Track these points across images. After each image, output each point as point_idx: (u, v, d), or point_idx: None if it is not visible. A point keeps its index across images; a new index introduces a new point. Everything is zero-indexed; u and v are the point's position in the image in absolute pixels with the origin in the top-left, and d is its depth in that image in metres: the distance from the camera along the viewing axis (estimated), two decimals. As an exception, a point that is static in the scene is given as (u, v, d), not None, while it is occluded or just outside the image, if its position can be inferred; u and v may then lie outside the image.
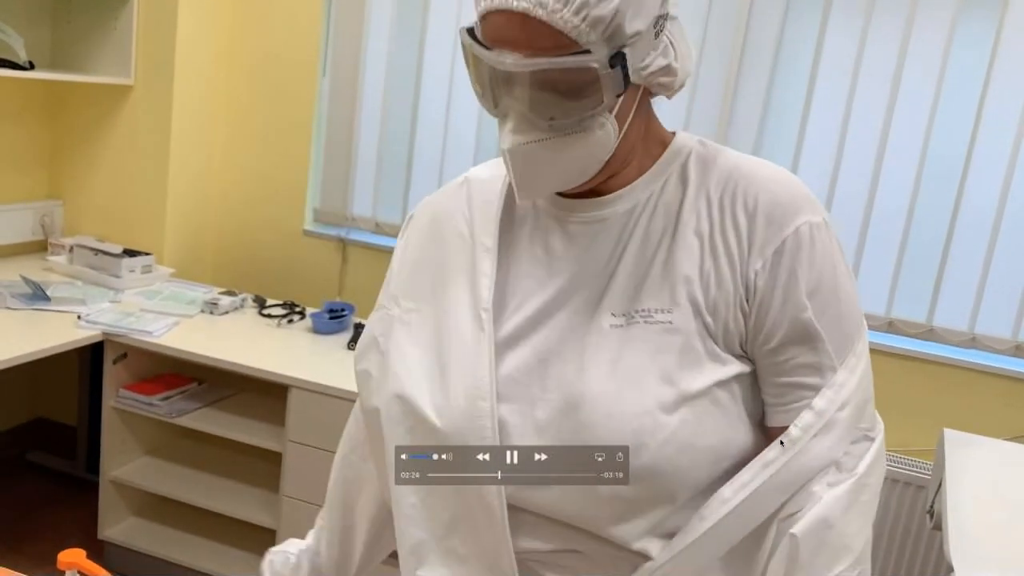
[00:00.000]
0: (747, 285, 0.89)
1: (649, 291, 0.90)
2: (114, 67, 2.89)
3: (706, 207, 0.91)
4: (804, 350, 0.89)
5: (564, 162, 0.87)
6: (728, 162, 0.93)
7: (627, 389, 0.88)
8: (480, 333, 0.94)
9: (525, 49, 0.81)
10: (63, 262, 2.86)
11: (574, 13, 0.79)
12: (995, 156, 2.46)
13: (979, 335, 2.54)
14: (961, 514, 1.99)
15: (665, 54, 0.87)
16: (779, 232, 0.88)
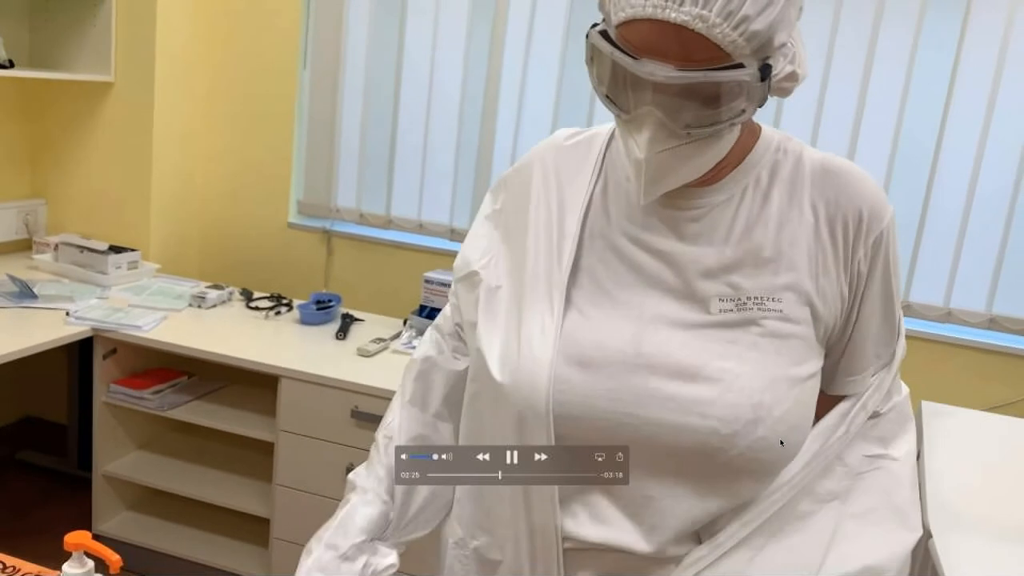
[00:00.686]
0: (850, 272, 0.95)
1: (758, 280, 0.93)
2: (94, 64, 2.90)
3: (807, 199, 0.95)
4: (884, 322, 0.98)
5: (692, 165, 0.88)
6: (815, 158, 0.97)
7: (748, 369, 0.91)
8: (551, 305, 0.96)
9: (677, 60, 0.81)
10: (49, 260, 2.87)
11: (733, 28, 0.79)
12: (966, 133, 2.52)
13: (954, 310, 2.60)
14: (938, 482, 2.06)
15: (792, 61, 0.88)
16: (878, 224, 0.94)
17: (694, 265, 0.94)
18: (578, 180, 1.01)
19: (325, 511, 2.60)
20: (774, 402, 0.89)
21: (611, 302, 0.95)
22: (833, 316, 0.96)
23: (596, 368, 0.93)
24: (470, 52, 2.86)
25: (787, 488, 0.96)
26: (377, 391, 2.25)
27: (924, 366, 2.64)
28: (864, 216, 0.94)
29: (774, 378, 0.90)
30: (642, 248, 0.96)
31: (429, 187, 2.99)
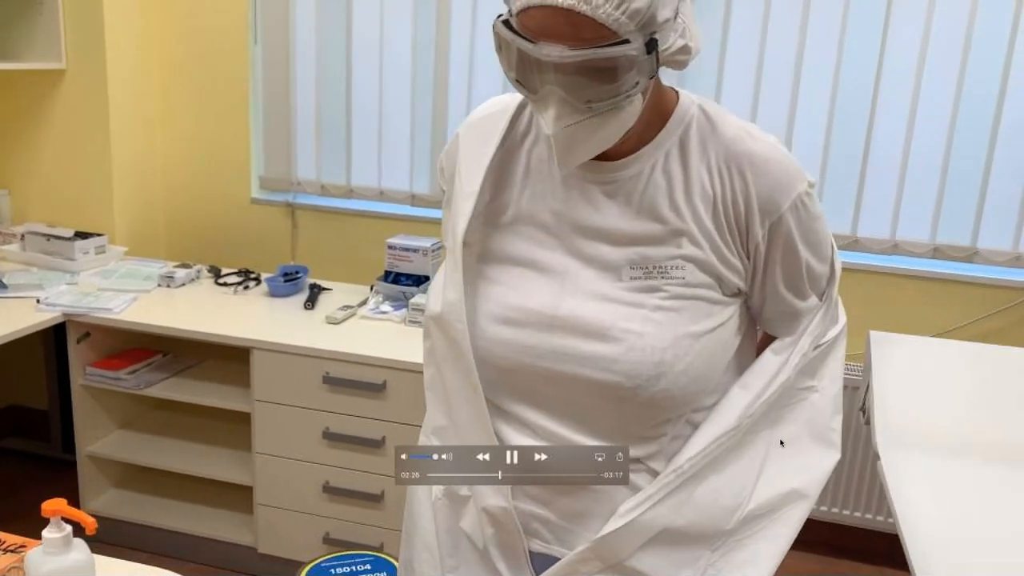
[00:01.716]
0: (748, 249, 1.03)
1: (663, 250, 1.02)
2: (44, 52, 2.90)
3: (708, 177, 1.02)
4: (793, 293, 1.08)
5: (600, 138, 0.97)
6: (728, 133, 1.03)
7: (652, 330, 1.00)
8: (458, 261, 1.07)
9: (569, 41, 0.88)
10: (16, 250, 2.90)
11: (615, 7, 0.87)
12: (903, 69, 2.58)
13: (900, 241, 2.69)
14: (886, 406, 2.16)
15: (683, 35, 0.95)
16: (776, 209, 1.02)
17: (608, 235, 1.03)
18: (483, 151, 1.09)
19: (304, 475, 2.68)
20: (675, 358, 1.00)
21: (535, 269, 1.06)
22: (739, 281, 1.05)
23: (519, 326, 1.04)
24: (418, 16, 2.88)
25: (735, 430, 1.07)
26: (347, 356, 2.33)
27: (873, 299, 2.74)
28: (760, 203, 1.01)
29: (676, 336, 1.00)
30: (563, 220, 1.06)
31: (387, 155, 3.03)
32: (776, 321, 1.11)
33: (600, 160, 1.02)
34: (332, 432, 2.36)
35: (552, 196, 1.06)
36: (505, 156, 1.10)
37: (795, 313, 1.10)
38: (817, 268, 1.09)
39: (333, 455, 2.39)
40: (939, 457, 2.01)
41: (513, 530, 1.08)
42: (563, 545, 1.08)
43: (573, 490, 1.06)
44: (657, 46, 0.90)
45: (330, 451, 2.39)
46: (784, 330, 1.11)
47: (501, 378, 1.06)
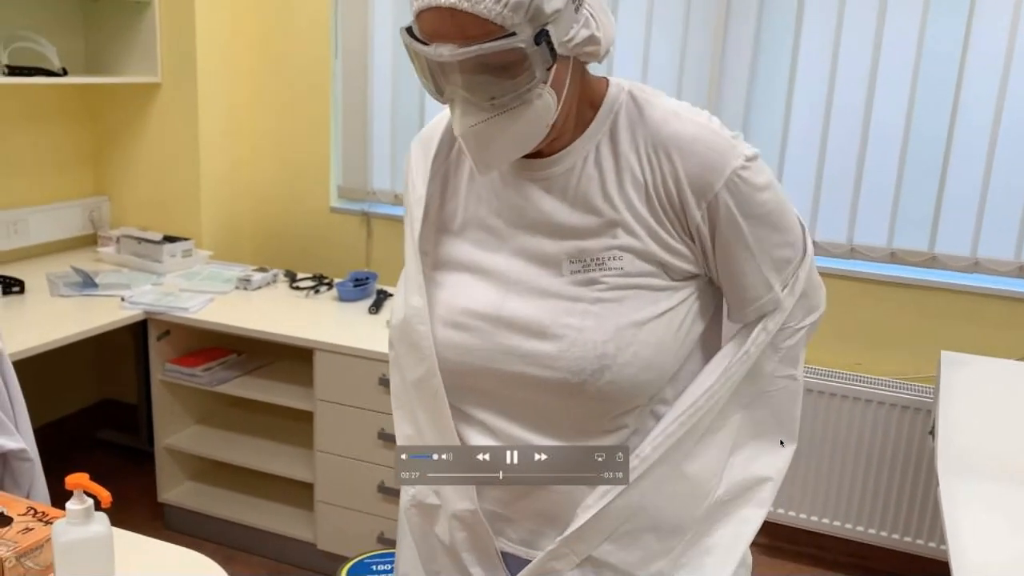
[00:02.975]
0: (690, 232, 1.02)
1: (599, 241, 1.02)
2: (142, 67, 3.10)
3: (638, 164, 1.02)
4: (749, 274, 1.05)
5: (512, 134, 0.97)
6: (654, 117, 1.03)
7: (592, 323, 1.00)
8: (418, 266, 1.10)
9: (458, 39, 0.90)
10: (111, 252, 3.09)
11: (495, 2, 0.88)
12: (986, 78, 2.48)
13: (982, 259, 2.57)
14: (951, 429, 2.06)
15: (587, 26, 0.95)
16: (711, 188, 1.00)
17: (547, 231, 1.04)
18: (427, 163, 1.13)
19: (361, 474, 2.75)
20: (618, 349, 0.99)
21: (480, 272, 1.07)
22: (688, 265, 1.03)
23: (466, 330, 1.06)
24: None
25: (692, 410, 1.04)
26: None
27: (951, 318, 2.62)
28: (691, 184, 1.00)
29: (618, 327, 0.99)
30: (506, 221, 1.07)
31: (459, 165, 3.09)
32: (739, 305, 1.08)
33: (535, 158, 1.03)
34: (387, 433, 2.41)
35: (495, 198, 1.07)
36: (450, 166, 1.12)
37: (756, 297, 1.06)
38: (775, 246, 1.05)
39: (388, 456, 2.44)
40: (1003, 486, 1.90)
41: (483, 532, 1.09)
42: (530, 547, 1.08)
43: (534, 490, 1.06)
44: (548, 37, 0.90)
45: (386, 452, 2.45)
46: (750, 315, 1.07)
47: (458, 382, 1.07)
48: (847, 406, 2.67)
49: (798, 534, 2.89)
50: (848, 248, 2.70)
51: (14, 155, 3.02)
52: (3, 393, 1.58)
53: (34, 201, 3.09)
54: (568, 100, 0.99)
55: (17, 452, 1.56)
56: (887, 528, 2.70)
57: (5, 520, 1.22)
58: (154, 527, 2.84)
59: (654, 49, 2.79)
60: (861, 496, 2.72)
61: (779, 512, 2.82)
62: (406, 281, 1.12)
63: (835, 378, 2.70)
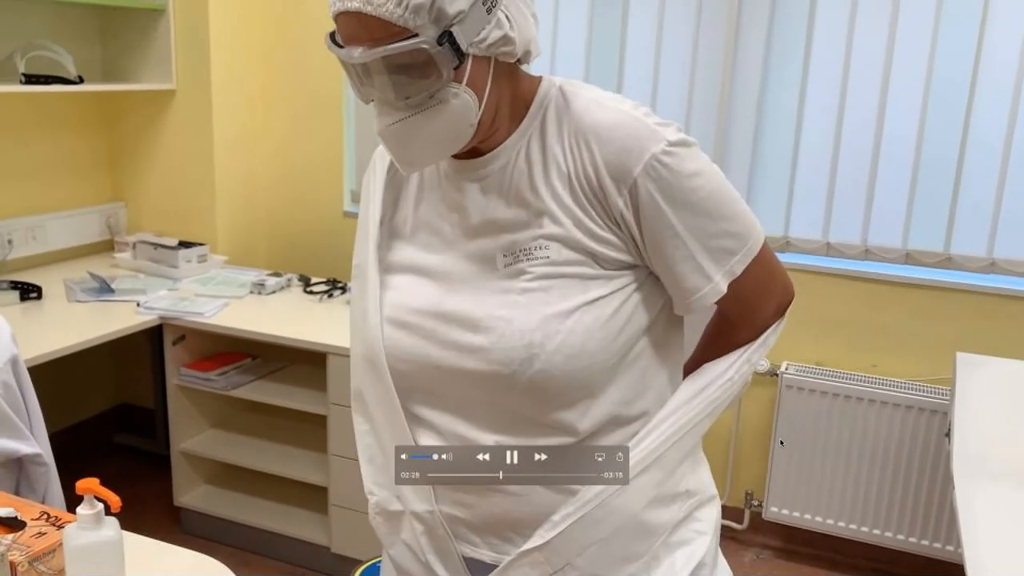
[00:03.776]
0: (616, 220, 1.01)
1: (528, 232, 1.03)
2: (157, 74, 3.13)
3: (562, 154, 1.03)
4: (681, 262, 1.02)
5: (432, 134, 0.98)
6: (578, 107, 1.04)
7: (519, 314, 1.01)
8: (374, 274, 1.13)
9: (367, 42, 0.93)
10: (128, 258, 3.12)
11: (396, 4, 0.90)
12: (1000, 77, 2.46)
13: (998, 259, 2.54)
14: (967, 431, 2.04)
15: (500, 26, 0.95)
16: (629, 173, 0.99)
17: (485, 228, 1.06)
18: (380, 174, 1.17)
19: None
20: (545, 338, 0.99)
21: (424, 274, 1.10)
22: (618, 254, 1.02)
23: (411, 328, 1.08)
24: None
25: (672, 420, 1.07)
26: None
27: (967, 319, 2.60)
28: (611, 170, 0.99)
29: (544, 317, 1.00)
30: (451, 223, 1.09)
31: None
32: (679, 296, 1.05)
33: (474, 157, 1.05)
34: (400, 437, 2.42)
35: (442, 202, 1.10)
36: (402, 175, 1.15)
37: (694, 288, 1.03)
38: (712, 236, 1.01)
39: (401, 460, 2.45)
40: (1020, 489, 1.88)
41: (442, 534, 1.09)
42: (492, 550, 1.08)
43: (491, 493, 1.05)
44: (452, 38, 0.92)
45: (399, 456, 2.45)
46: (692, 306, 1.05)
47: (405, 382, 1.09)
48: (862, 408, 2.65)
49: (814, 537, 2.87)
50: (863, 249, 2.69)
51: (32, 162, 3.06)
52: (19, 398, 1.60)
53: (52, 208, 3.12)
54: (492, 101, 1.00)
55: (32, 457, 1.58)
56: (903, 531, 2.68)
57: (19, 524, 1.23)
58: (170, 530, 2.86)
59: (665, 56, 2.79)
60: (877, 499, 2.70)
61: (795, 515, 2.81)
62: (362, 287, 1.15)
63: (850, 380, 2.68)
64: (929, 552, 2.67)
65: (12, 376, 1.58)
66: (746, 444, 2.93)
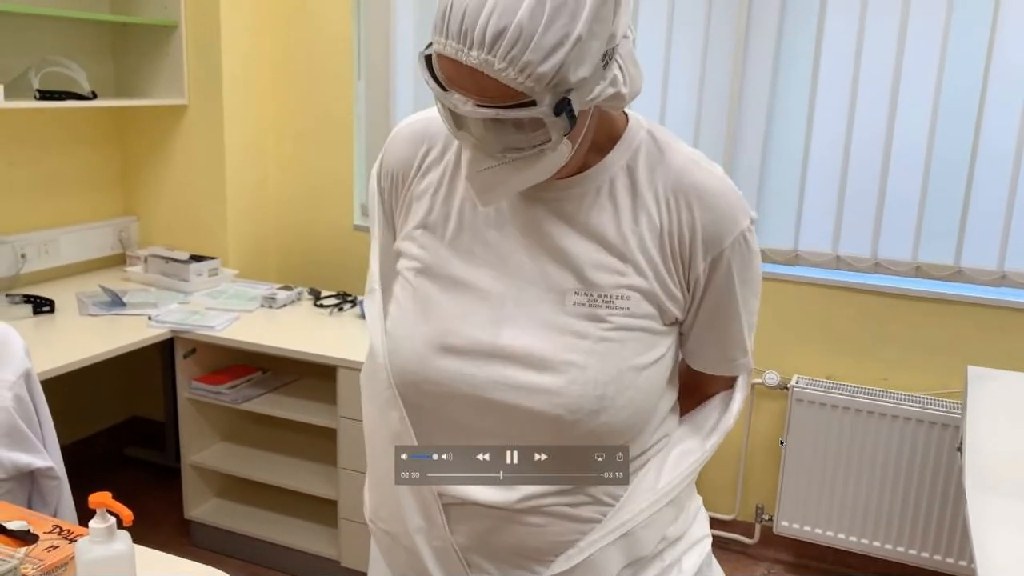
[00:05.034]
0: (689, 282, 1.03)
1: (610, 278, 1.00)
2: (169, 90, 3.16)
3: (655, 205, 1.01)
4: (735, 335, 1.08)
5: (521, 179, 0.94)
6: (676, 163, 1.02)
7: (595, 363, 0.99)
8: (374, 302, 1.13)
9: (476, 96, 0.87)
10: (139, 272, 3.14)
11: (519, 72, 0.84)
12: (1010, 89, 2.46)
13: (1009, 272, 2.54)
14: (979, 444, 2.03)
15: (614, 83, 0.91)
16: (721, 243, 1.01)
17: (551, 254, 1.01)
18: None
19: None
20: (617, 392, 0.98)
21: (476, 292, 1.03)
22: (678, 311, 1.04)
23: (459, 355, 1.01)
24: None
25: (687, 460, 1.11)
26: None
27: (979, 331, 2.59)
28: (706, 235, 1.00)
29: (619, 370, 0.98)
30: (505, 236, 1.03)
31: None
32: (712, 362, 1.11)
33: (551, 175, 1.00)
34: (410, 451, 2.42)
35: (495, 211, 1.04)
36: (447, 166, 1.07)
37: (732, 358, 1.10)
38: (753, 313, 1.08)
39: (411, 473, 2.45)
40: None
41: (456, 563, 1.07)
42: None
43: (508, 524, 1.04)
44: (570, 105, 0.87)
45: (408, 469, 2.45)
46: (717, 371, 1.12)
47: (435, 408, 1.04)
48: (873, 422, 2.64)
49: (824, 552, 2.86)
50: (873, 263, 2.68)
51: (45, 177, 3.08)
52: (32, 412, 1.61)
53: (65, 222, 3.15)
54: (584, 142, 0.97)
55: (45, 470, 1.58)
56: (915, 546, 2.67)
57: (31, 538, 1.24)
58: (181, 543, 2.86)
59: (674, 69, 2.80)
60: (888, 513, 2.68)
61: (805, 529, 2.80)
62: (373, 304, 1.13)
63: (861, 394, 2.67)
64: (941, 567, 2.65)
65: (25, 390, 1.59)
66: (757, 458, 2.92)
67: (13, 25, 2.84)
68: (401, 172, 1.10)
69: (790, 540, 2.89)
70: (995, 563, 1.62)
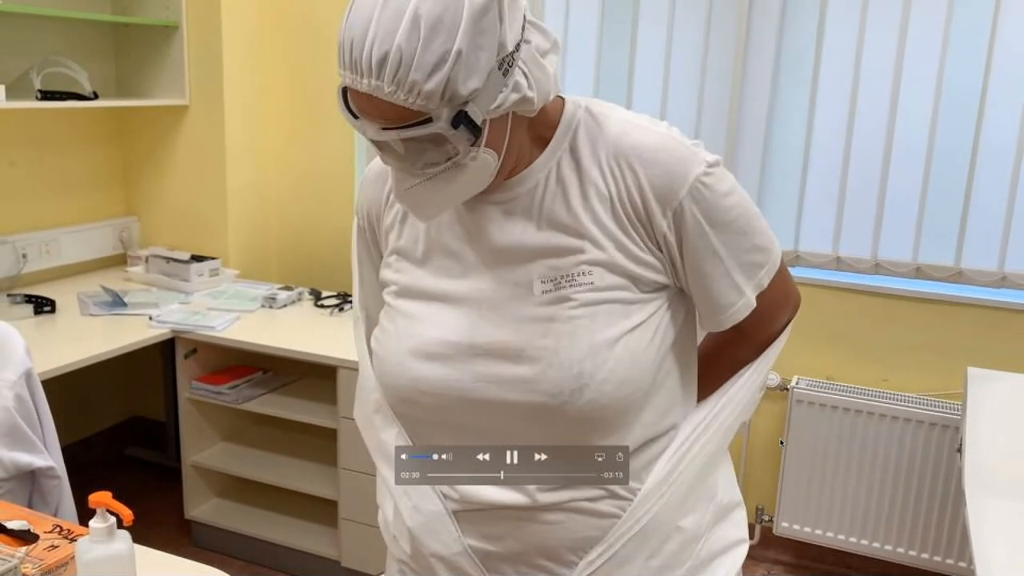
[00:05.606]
0: (658, 242, 1.02)
1: (569, 258, 1.01)
2: (170, 90, 3.16)
3: (601, 177, 1.01)
4: (719, 279, 1.04)
5: (452, 193, 0.96)
6: (613, 130, 1.02)
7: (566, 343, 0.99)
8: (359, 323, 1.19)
9: (380, 120, 0.90)
10: (140, 272, 3.14)
11: (407, 92, 0.86)
12: (1010, 90, 2.46)
13: (1009, 273, 2.54)
14: (978, 446, 2.03)
15: (517, 88, 0.92)
16: (675, 196, 1.00)
17: (515, 253, 1.02)
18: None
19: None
20: (595, 367, 0.98)
21: (449, 302, 1.05)
22: (657, 275, 1.02)
23: (441, 360, 1.03)
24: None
25: (701, 432, 1.07)
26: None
27: (979, 332, 2.59)
28: (656, 192, 0.99)
29: (591, 344, 0.98)
30: (471, 246, 1.05)
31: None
32: (711, 313, 1.07)
33: (495, 180, 1.00)
34: (410, 451, 2.42)
35: (458, 224, 1.06)
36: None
37: (728, 304, 1.05)
38: (744, 251, 1.04)
39: (411, 474, 2.45)
40: None
41: (472, 569, 1.07)
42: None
43: (523, 524, 1.04)
44: (467, 118, 0.88)
45: (408, 470, 2.45)
46: (724, 322, 1.08)
47: (430, 416, 1.06)
48: (873, 423, 2.65)
49: (824, 553, 2.86)
50: (873, 264, 2.69)
51: (46, 177, 3.09)
52: (33, 412, 1.61)
53: (66, 222, 3.15)
54: (515, 144, 0.98)
55: (45, 470, 1.59)
56: (915, 547, 2.67)
57: (32, 537, 1.24)
58: (181, 544, 2.87)
59: (675, 69, 2.80)
60: (888, 514, 2.69)
61: (806, 530, 2.80)
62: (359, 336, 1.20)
63: (861, 395, 2.67)
64: (941, 568, 2.65)
65: (26, 390, 1.59)
66: (756, 459, 2.92)
67: (15, 25, 2.84)
68: (374, 210, 1.17)
69: (790, 541, 2.89)
70: (994, 564, 1.62)
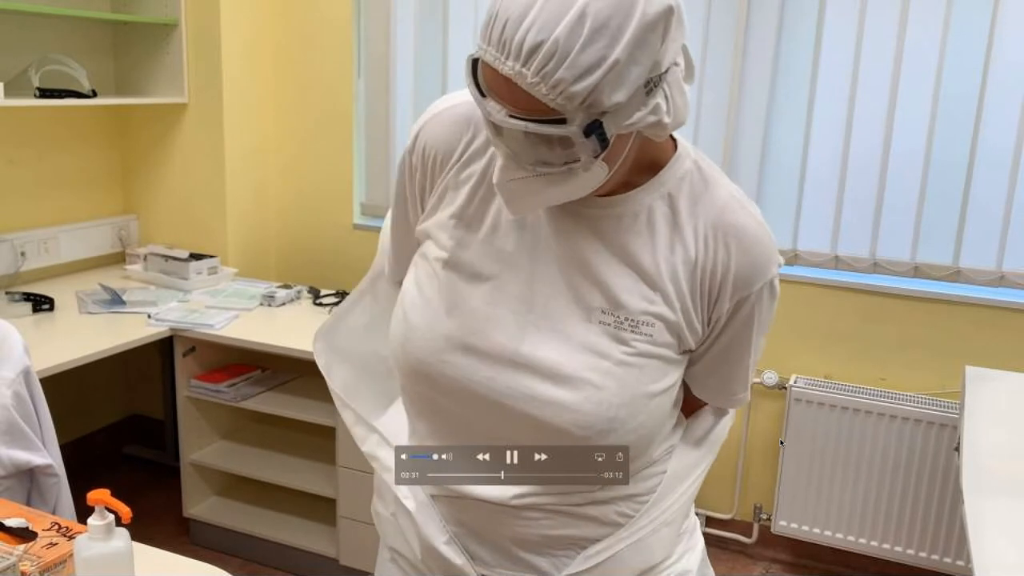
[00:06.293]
0: (711, 317, 1.03)
1: (639, 304, 0.99)
2: (169, 88, 3.16)
3: (694, 239, 1.00)
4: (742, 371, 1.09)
5: (550, 194, 0.92)
6: (720, 200, 1.01)
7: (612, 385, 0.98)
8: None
9: (510, 105, 0.86)
10: (139, 270, 3.14)
11: (550, 88, 0.82)
12: (1009, 90, 2.46)
13: (1007, 272, 2.54)
14: (976, 445, 2.04)
15: (656, 111, 0.88)
16: (750, 288, 1.01)
17: (582, 268, 1.00)
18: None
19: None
20: (629, 416, 0.98)
21: (504, 293, 1.01)
22: (695, 343, 1.04)
23: (479, 357, 1.00)
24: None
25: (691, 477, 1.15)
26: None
27: (977, 331, 2.59)
28: (737, 278, 1.00)
29: (634, 395, 0.98)
30: (538, 241, 1.01)
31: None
32: (715, 393, 1.12)
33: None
34: (408, 449, 2.43)
35: (533, 217, 1.02)
36: (491, 159, 1.03)
37: (734, 392, 1.11)
38: (760, 346, 1.08)
39: (410, 472, 2.45)
40: None
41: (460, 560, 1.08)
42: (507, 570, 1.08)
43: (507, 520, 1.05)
44: (601, 128, 0.85)
45: (407, 468, 2.45)
46: (719, 403, 1.14)
47: (440, 399, 1.04)
48: (871, 422, 2.65)
49: (822, 551, 2.86)
50: (871, 263, 2.69)
51: (45, 175, 3.09)
52: (31, 410, 1.61)
53: (64, 220, 3.15)
54: (627, 163, 0.95)
55: (44, 468, 1.59)
56: (912, 546, 2.67)
57: (30, 535, 1.24)
58: (180, 542, 2.87)
59: (674, 65, 2.80)
60: (886, 513, 2.69)
61: (804, 529, 2.80)
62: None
63: (859, 394, 2.68)
64: (938, 567, 2.66)
65: (24, 387, 1.59)
66: (755, 457, 2.92)
67: (13, 23, 2.84)
68: (441, 155, 1.06)
69: (788, 540, 2.89)
70: (992, 563, 1.63)
